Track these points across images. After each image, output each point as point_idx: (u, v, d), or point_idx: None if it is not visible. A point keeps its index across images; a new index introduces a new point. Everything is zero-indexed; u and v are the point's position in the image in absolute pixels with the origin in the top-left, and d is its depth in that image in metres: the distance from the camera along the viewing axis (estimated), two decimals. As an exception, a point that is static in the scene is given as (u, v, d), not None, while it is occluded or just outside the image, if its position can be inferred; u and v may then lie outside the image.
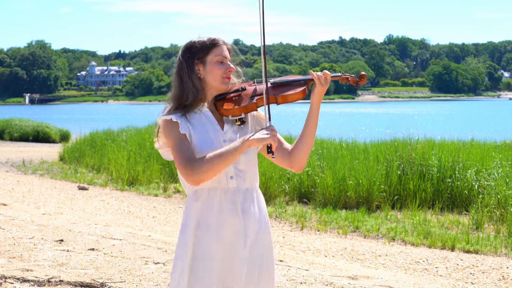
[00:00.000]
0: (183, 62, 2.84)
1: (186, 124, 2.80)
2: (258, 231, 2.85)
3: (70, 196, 11.85)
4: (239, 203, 2.82)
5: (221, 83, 2.85)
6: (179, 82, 2.84)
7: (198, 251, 2.79)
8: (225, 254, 2.79)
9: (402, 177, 10.81)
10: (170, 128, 2.80)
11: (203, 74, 2.84)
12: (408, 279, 6.34)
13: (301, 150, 2.87)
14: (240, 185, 2.84)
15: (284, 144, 2.91)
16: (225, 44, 2.90)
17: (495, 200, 9.27)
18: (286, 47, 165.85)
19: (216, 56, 2.84)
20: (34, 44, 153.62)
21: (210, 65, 2.83)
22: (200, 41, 2.85)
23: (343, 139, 15.21)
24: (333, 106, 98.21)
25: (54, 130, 28.28)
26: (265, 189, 11.34)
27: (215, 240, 2.78)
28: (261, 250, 2.85)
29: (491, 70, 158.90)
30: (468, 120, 51.51)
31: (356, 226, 9.23)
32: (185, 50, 2.85)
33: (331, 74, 2.89)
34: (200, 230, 2.80)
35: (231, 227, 2.80)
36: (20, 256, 6.39)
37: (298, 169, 2.90)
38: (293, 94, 2.85)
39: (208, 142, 2.80)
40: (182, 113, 2.82)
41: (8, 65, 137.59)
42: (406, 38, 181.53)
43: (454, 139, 14.18)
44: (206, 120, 2.84)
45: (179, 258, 2.82)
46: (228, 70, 2.86)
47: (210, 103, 2.89)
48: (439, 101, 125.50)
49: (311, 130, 2.87)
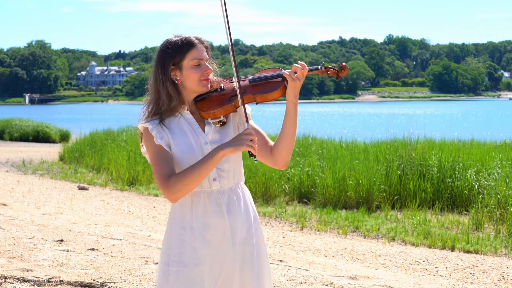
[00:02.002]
0: (158, 68, 2.75)
1: (163, 132, 2.73)
2: (247, 228, 2.80)
3: (70, 196, 11.85)
4: (224, 205, 2.76)
5: (200, 86, 2.78)
6: (155, 89, 2.76)
7: (185, 257, 2.73)
8: (213, 257, 2.73)
9: (402, 177, 10.81)
10: (147, 138, 2.74)
11: (180, 80, 2.76)
12: (408, 279, 6.34)
13: (283, 147, 2.79)
14: (224, 186, 2.78)
15: (268, 142, 2.84)
16: (201, 43, 2.80)
17: (495, 200, 9.27)
18: (286, 47, 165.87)
19: (192, 60, 2.75)
20: (34, 44, 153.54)
21: (187, 70, 2.75)
22: (175, 45, 2.74)
23: (343, 139, 15.21)
24: (333, 106, 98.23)
25: (54, 130, 28.28)
26: (265, 189, 11.34)
27: (202, 244, 2.73)
28: (252, 247, 2.80)
29: (491, 70, 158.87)
30: (468, 120, 51.49)
31: (356, 226, 9.23)
32: (160, 56, 2.76)
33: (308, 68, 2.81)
34: (185, 234, 2.74)
35: (217, 230, 2.74)
36: (20, 256, 6.39)
37: (282, 166, 2.83)
38: (272, 93, 2.78)
39: (188, 147, 2.74)
40: (159, 119, 2.75)
41: (8, 65, 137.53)
42: (406, 38, 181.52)
43: (454, 139, 14.18)
44: (186, 123, 2.78)
45: (165, 264, 2.76)
46: (206, 72, 2.78)
47: (190, 104, 2.82)
48: (439, 101, 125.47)
49: (290, 126, 2.78)
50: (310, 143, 14.59)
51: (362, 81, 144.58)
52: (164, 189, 2.67)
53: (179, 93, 2.77)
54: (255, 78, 2.83)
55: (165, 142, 2.73)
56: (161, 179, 2.67)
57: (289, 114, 2.78)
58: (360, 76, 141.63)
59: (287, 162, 2.84)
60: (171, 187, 2.65)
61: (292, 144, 2.80)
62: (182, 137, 2.75)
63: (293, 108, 2.78)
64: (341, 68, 2.86)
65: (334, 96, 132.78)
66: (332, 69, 2.86)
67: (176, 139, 2.74)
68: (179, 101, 2.77)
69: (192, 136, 2.76)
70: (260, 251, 2.84)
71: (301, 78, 2.76)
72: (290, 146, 2.80)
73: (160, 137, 2.73)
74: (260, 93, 2.78)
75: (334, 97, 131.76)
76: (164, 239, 2.82)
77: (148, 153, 2.77)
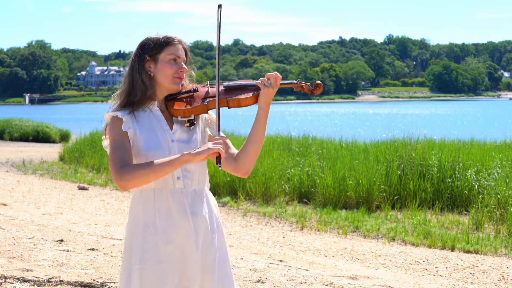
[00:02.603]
0: (135, 58, 2.76)
1: (132, 122, 2.73)
2: (211, 233, 2.77)
3: (70, 196, 11.85)
4: (187, 205, 2.74)
5: (172, 83, 2.77)
6: (129, 78, 2.75)
7: (147, 254, 2.69)
8: (177, 256, 2.70)
9: (402, 177, 10.81)
10: (113, 125, 2.72)
11: (153, 72, 2.75)
12: (408, 279, 6.34)
13: (248, 155, 2.77)
14: (187, 186, 2.76)
15: (231, 148, 2.82)
16: (181, 43, 2.80)
17: (495, 200, 9.27)
18: (286, 47, 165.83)
19: (169, 54, 2.75)
20: (34, 44, 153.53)
21: (162, 63, 2.75)
22: (155, 39, 2.77)
23: (343, 139, 15.22)
24: (333, 106, 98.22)
25: (54, 130, 28.27)
26: (265, 189, 11.34)
27: (165, 242, 2.69)
28: (215, 253, 2.77)
29: (491, 70, 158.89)
30: (468, 120, 51.48)
31: (356, 226, 9.23)
32: (139, 47, 2.77)
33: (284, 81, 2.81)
34: (148, 232, 2.70)
35: (181, 229, 2.71)
36: (20, 256, 6.39)
37: (243, 174, 2.80)
38: (245, 98, 2.77)
39: (155, 141, 2.72)
40: (130, 110, 2.75)
41: (8, 65, 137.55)
42: (406, 38, 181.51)
43: (454, 139, 14.18)
44: (154, 119, 2.77)
45: (128, 262, 2.73)
46: (180, 70, 2.77)
47: (160, 102, 2.80)
48: (439, 101, 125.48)
49: (258, 133, 2.76)
50: (310, 143, 14.59)
51: (362, 81, 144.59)
52: (117, 175, 2.63)
53: (152, 87, 2.76)
54: (230, 84, 2.84)
55: (131, 133, 2.72)
56: (115, 165, 2.64)
57: (258, 121, 2.77)
58: (360, 76, 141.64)
59: (250, 170, 2.81)
60: (125, 174, 2.62)
61: (257, 152, 2.78)
62: (149, 131, 2.74)
63: (263, 115, 2.76)
64: (316, 86, 2.85)
65: (334, 96, 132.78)
66: (307, 86, 2.87)
67: (143, 133, 2.73)
68: (150, 95, 2.76)
69: (159, 132, 2.75)
70: (223, 258, 2.80)
71: (274, 86, 2.75)
72: (256, 153, 2.78)
73: (128, 126, 2.71)
74: (233, 97, 2.78)
75: (334, 97, 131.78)
76: (126, 236, 2.78)
77: (109, 139, 2.73)
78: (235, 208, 10.94)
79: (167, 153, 2.72)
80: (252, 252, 7.38)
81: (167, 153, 2.72)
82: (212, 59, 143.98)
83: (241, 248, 7.62)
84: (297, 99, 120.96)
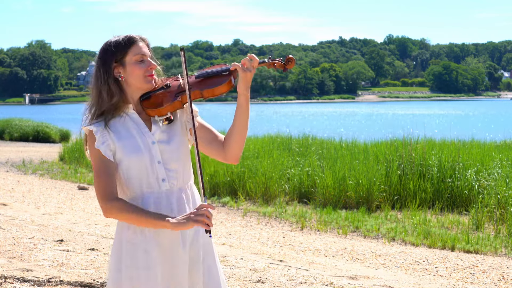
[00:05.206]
0: (100, 67, 2.70)
1: (107, 136, 2.67)
2: (194, 228, 2.73)
3: (70, 196, 11.86)
4: (174, 205, 2.71)
5: (145, 83, 2.71)
6: (96, 91, 2.71)
7: (137, 261, 2.68)
8: (164, 259, 2.69)
9: (402, 177, 10.81)
10: (91, 141, 2.69)
11: (124, 76, 2.70)
12: (408, 279, 6.34)
13: (235, 142, 2.73)
14: (173, 187, 2.73)
15: (218, 136, 2.79)
16: (143, 40, 2.75)
17: (495, 200, 9.27)
18: (286, 47, 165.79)
19: (135, 55, 2.69)
20: (34, 44, 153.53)
21: (130, 66, 2.69)
22: (116, 42, 2.70)
23: (343, 139, 15.22)
24: (333, 106, 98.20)
25: (54, 130, 28.27)
26: (265, 189, 11.34)
27: (153, 247, 2.68)
28: (201, 249, 2.75)
29: (491, 70, 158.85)
30: (468, 120, 51.48)
31: (356, 226, 9.23)
32: (101, 55, 2.71)
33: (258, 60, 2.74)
34: (136, 238, 2.69)
35: (170, 232, 2.68)
36: (20, 256, 6.39)
37: (233, 160, 2.77)
38: (219, 87, 2.72)
39: (135, 148, 2.68)
40: (103, 121, 2.69)
41: (8, 65, 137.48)
42: (406, 38, 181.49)
43: (454, 139, 14.18)
44: (132, 123, 2.72)
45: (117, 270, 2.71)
46: (150, 68, 2.71)
47: (136, 104, 2.75)
48: (439, 101, 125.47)
49: (242, 119, 2.72)
50: (310, 143, 14.60)
51: (362, 81, 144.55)
52: (103, 207, 2.64)
53: (122, 91, 2.72)
54: (201, 73, 2.79)
55: (109, 147, 2.68)
56: (102, 198, 2.64)
57: (241, 107, 2.72)
58: (360, 76, 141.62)
59: (239, 157, 2.78)
60: (110, 211, 2.64)
61: (243, 139, 2.75)
62: (129, 138, 2.69)
63: (245, 100, 2.72)
64: (288, 60, 2.80)
65: (334, 96, 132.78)
66: (279, 62, 2.81)
67: (122, 141, 2.68)
68: (122, 99, 2.72)
69: (139, 137, 2.71)
70: (208, 252, 2.78)
71: (252, 70, 2.70)
72: (242, 140, 2.74)
73: (102, 142, 2.67)
74: (206, 87, 2.74)
75: (334, 97, 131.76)
76: (113, 245, 2.76)
77: (91, 158, 2.71)
78: (235, 208, 10.94)
79: (148, 156, 2.69)
80: (252, 252, 7.38)
81: (148, 157, 2.69)
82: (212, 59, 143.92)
83: (241, 248, 7.62)
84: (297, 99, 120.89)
